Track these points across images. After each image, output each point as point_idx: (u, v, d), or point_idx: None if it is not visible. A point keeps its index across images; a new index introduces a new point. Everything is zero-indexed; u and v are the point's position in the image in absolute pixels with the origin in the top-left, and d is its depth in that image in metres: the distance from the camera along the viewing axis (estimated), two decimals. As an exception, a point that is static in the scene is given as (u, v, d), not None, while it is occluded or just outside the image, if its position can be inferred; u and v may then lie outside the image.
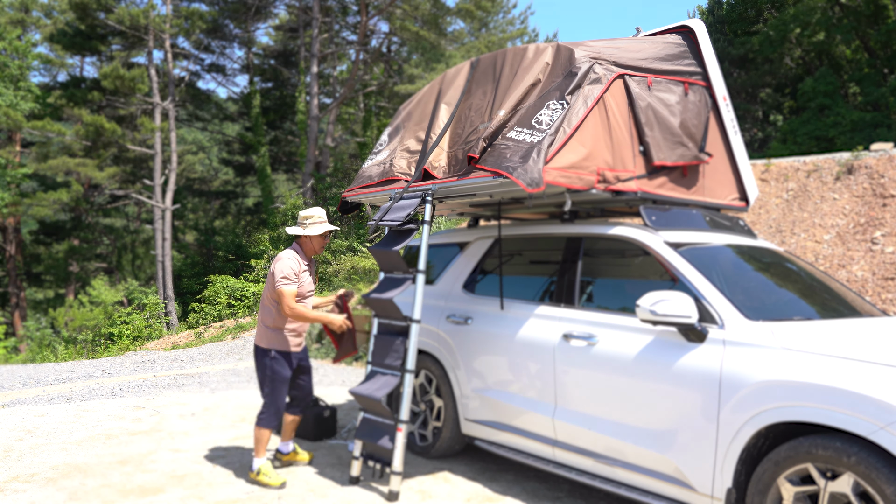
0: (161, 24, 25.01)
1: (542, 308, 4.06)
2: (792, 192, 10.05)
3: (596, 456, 3.61)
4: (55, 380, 8.69)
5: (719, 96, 4.46)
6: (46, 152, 26.17)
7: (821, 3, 18.69)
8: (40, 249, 30.95)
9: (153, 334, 17.87)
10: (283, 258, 4.13)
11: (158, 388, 7.52)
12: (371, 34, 26.59)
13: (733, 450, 2.98)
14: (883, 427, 2.52)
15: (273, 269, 4.10)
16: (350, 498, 3.93)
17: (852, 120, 16.77)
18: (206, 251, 30.55)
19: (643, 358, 3.40)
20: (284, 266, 4.08)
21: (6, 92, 24.07)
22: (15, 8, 29.11)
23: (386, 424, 4.01)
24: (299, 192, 23.11)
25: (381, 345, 4.16)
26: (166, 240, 25.08)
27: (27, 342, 22.97)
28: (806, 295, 3.64)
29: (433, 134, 4.44)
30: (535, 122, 3.76)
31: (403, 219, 4.07)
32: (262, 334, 4.18)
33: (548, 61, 4.03)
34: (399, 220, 4.09)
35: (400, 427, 3.88)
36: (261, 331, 4.20)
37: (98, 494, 3.86)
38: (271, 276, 4.12)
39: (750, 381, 2.94)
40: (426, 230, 4.12)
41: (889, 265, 7.76)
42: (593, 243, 4.01)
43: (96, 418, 5.77)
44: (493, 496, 4.02)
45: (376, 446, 3.99)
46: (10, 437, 5.09)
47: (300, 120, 25.01)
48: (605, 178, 3.79)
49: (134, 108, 26.93)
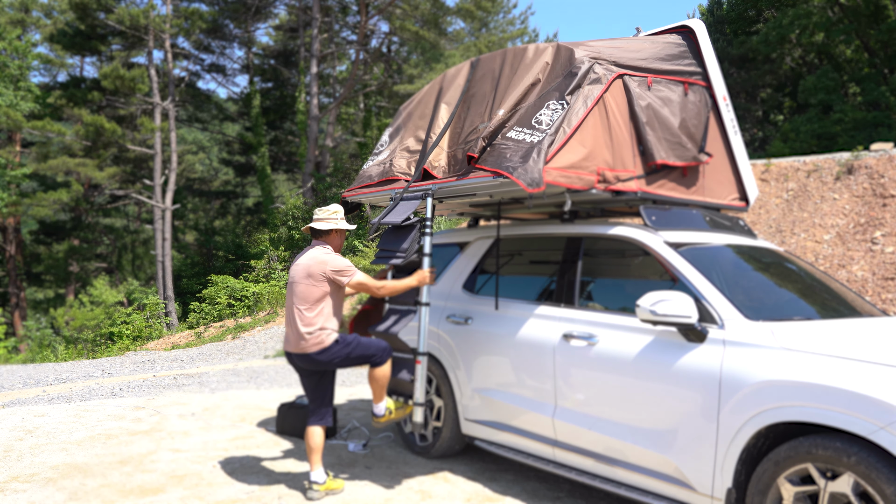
0: (161, 24, 25.02)
1: (543, 308, 4.06)
2: (792, 192, 10.04)
3: (596, 456, 3.61)
4: (55, 380, 8.69)
5: (719, 96, 4.46)
6: (46, 152, 26.17)
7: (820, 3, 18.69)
8: (40, 249, 30.96)
9: (153, 334, 17.87)
10: (328, 254, 3.93)
11: (158, 388, 7.52)
12: (371, 34, 26.60)
13: (733, 450, 2.98)
14: (883, 427, 2.52)
15: (332, 269, 3.85)
16: (350, 497, 3.94)
17: (853, 119, 16.77)
18: (206, 251, 30.54)
19: (643, 358, 3.40)
20: (338, 259, 3.90)
21: (6, 92, 24.07)
22: (15, 8, 29.12)
23: (405, 359, 4.10)
24: (299, 192, 23.11)
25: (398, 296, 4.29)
26: (166, 240, 25.09)
27: (27, 342, 22.98)
28: (806, 295, 3.64)
29: (433, 134, 4.44)
30: (535, 121, 3.76)
31: (404, 218, 4.06)
32: (312, 338, 3.83)
33: (548, 61, 4.03)
34: (398, 220, 4.08)
35: (419, 360, 3.94)
36: (306, 336, 3.83)
37: (98, 494, 3.86)
38: (317, 275, 3.85)
39: (750, 381, 2.94)
40: (427, 238, 4.14)
41: (889, 265, 7.75)
42: (593, 243, 4.01)
43: (96, 418, 5.77)
44: (493, 496, 4.02)
45: (397, 381, 4.11)
46: (10, 437, 5.09)
47: (300, 120, 25.01)
48: (605, 178, 3.79)
49: (134, 108, 26.93)
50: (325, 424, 4.03)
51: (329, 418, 4.06)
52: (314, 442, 3.97)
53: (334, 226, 4.05)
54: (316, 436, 3.98)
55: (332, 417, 4.08)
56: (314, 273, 3.87)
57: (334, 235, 4.09)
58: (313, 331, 3.84)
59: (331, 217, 4.07)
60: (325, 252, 3.95)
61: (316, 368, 3.98)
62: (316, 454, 3.96)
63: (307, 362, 3.91)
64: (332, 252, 3.99)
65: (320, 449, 3.98)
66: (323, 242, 4.06)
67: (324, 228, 4.04)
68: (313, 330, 3.84)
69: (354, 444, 4.99)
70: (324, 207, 4.12)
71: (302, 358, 3.91)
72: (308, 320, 3.85)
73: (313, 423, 4.01)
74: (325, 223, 4.03)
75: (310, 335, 3.83)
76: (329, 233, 4.08)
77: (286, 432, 5.37)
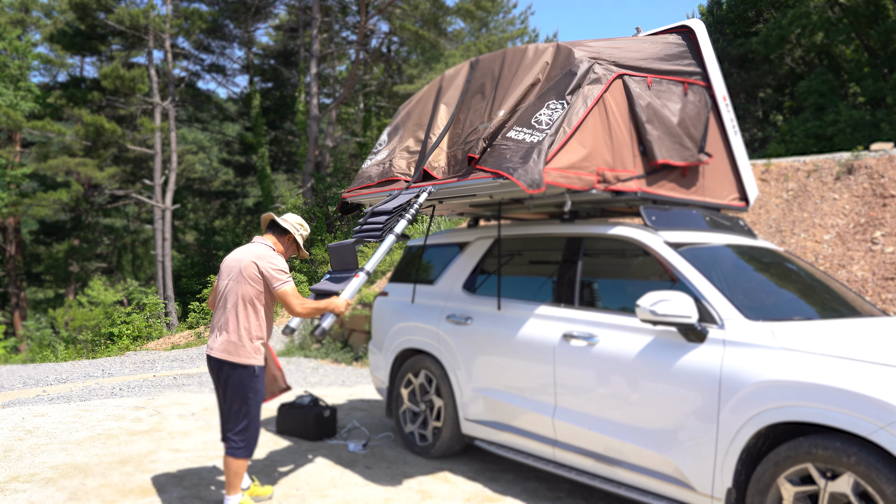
0: (161, 24, 25.01)
1: (543, 308, 4.06)
2: (792, 192, 10.05)
3: (596, 456, 3.61)
4: (55, 380, 8.68)
5: (719, 96, 4.46)
6: (46, 152, 26.16)
7: (820, 2, 18.69)
8: (40, 249, 30.94)
9: (153, 334, 17.86)
10: (271, 252, 3.64)
11: (158, 388, 7.52)
12: (371, 34, 26.59)
13: (733, 450, 2.98)
14: (883, 427, 2.52)
15: (263, 266, 3.56)
16: (350, 497, 3.94)
17: (852, 119, 16.77)
18: (206, 251, 30.55)
19: (643, 358, 3.40)
20: (280, 261, 3.62)
21: (6, 92, 24.07)
22: (15, 8, 29.11)
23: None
24: (299, 192, 23.09)
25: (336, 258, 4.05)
26: (166, 240, 25.08)
27: (27, 342, 22.97)
28: (806, 295, 3.64)
29: (433, 134, 4.43)
30: (535, 121, 3.76)
31: (395, 207, 3.98)
32: (238, 347, 3.52)
33: (547, 61, 4.03)
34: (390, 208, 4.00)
35: (357, 274, 3.74)
36: (234, 342, 3.53)
37: (98, 494, 3.86)
38: (253, 274, 3.55)
39: (750, 381, 2.94)
40: (389, 240, 3.93)
41: (889, 265, 7.76)
42: (593, 243, 4.01)
43: (96, 418, 5.77)
44: (493, 496, 4.02)
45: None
46: (10, 437, 5.09)
47: (300, 120, 25.00)
48: (605, 178, 3.79)
49: (134, 108, 26.92)
50: (242, 456, 3.59)
51: (249, 448, 3.62)
52: (233, 469, 3.60)
53: (295, 233, 3.84)
54: (241, 466, 3.62)
55: (254, 447, 3.65)
56: (257, 270, 3.62)
57: (285, 241, 3.87)
58: (233, 337, 3.62)
59: (293, 224, 3.87)
60: (268, 248, 3.73)
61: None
62: (238, 479, 3.62)
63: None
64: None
65: (241, 476, 3.63)
66: (270, 243, 3.83)
67: (283, 227, 3.83)
68: (234, 336, 3.61)
69: (354, 444, 4.99)
70: (297, 216, 3.94)
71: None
72: (234, 323, 3.64)
73: (232, 454, 3.63)
74: (286, 224, 3.83)
75: (231, 341, 3.62)
76: (284, 234, 3.87)
77: (286, 432, 5.37)
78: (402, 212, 3.98)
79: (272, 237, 3.83)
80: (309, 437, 5.20)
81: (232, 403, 3.56)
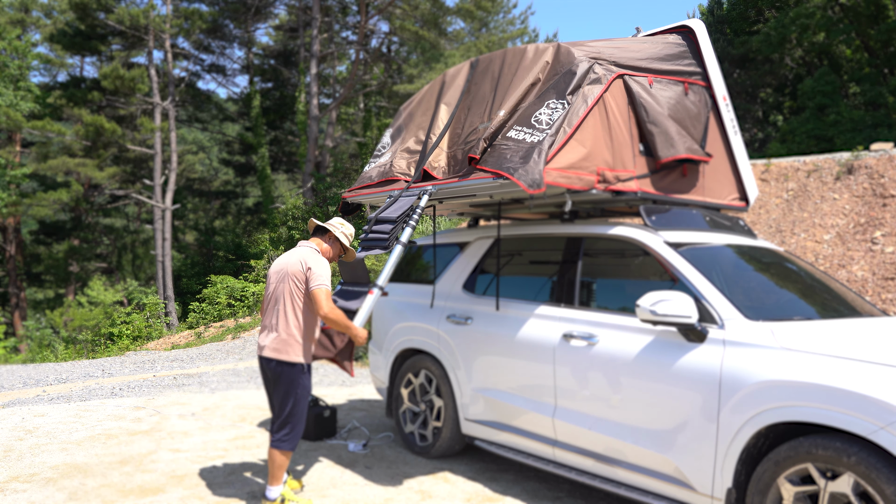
0: (161, 24, 25.02)
1: (543, 308, 4.06)
2: (792, 192, 10.05)
3: (596, 456, 3.61)
4: (55, 380, 8.69)
5: (719, 96, 4.46)
6: (46, 152, 26.18)
7: (820, 2, 18.69)
8: (40, 249, 30.95)
9: (153, 334, 17.87)
10: (318, 259, 3.71)
11: (158, 388, 7.52)
12: (371, 34, 26.60)
13: (733, 450, 2.98)
14: (883, 427, 2.51)
15: (309, 268, 3.64)
16: (350, 497, 3.94)
17: (852, 119, 16.77)
18: (206, 251, 30.55)
19: (643, 358, 3.40)
20: (321, 262, 3.69)
21: (6, 92, 24.07)
22: (15, 8, 29.12)
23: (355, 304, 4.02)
24: (299, 192, 23.10)
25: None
26: (166, 240, 25.09)
27: (27, 342, 22.98)
28: (806, 295, 3.64)
29: (433, 134, 4.43)
30: (535, 121, 3.76)
31: (401, 213, 4.02)
32: (287, 345, 3.64)
33: (548, 61, 4.03)
34: (395, 216, 4.03)
35: (372, 290, 3.85)
36: (284, 340, 3.65)
37: (98, 494, 3.86)
38: (298, 272, 3.65)
39: (750, 381, 2.94)
40: (398, 251, 3.96)
41: (889, 265, 7.76)
42: (593, 243, 4.01)
43: (96, 418, 5.77)
44: (493, 496, 4.02)
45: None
46: (10, 437, 5.09)
47: (300, 120, 25.01)
48: (605, 178, 3.79)
49: (134, 108, 26.93)
50: (286, 449, 3.73)
51: (293, 443, 3.77)
52: (277, 461, 3.75)
53: (337, 232, 3.92)
54: (284, 459, 3.77)
55: (296, 441, 3.78)
56: (301, 271, 3.73)
57: (333, 244, 3.96)
58: (283, 336, 3.75)
59: (333, 225, 3.95)
60: (316, 254, 3.81)
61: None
62: (280, 471, 3.76)
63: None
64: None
65: (284, 468, 3.77)
66: (317, 247, 3.93)
67: (328, 229, 3.94)
68: (284, 335, 3.75)
69: (354, 444, 4.99)
70: (338, 217, 4.06)
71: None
72: (285, 323, 3.79)
73: (277, 446, 3.76)
74: (332, 228, 3.92)
75: (281, 339, 3.75)
76: (329, 238, 3.97)
77: (286, 432, 5.37)
78: (406, 219, 4.02)
79: (317, 240, 3.95)
80: (309, 437, 5.20)
81: (280, 399, 3.68)
